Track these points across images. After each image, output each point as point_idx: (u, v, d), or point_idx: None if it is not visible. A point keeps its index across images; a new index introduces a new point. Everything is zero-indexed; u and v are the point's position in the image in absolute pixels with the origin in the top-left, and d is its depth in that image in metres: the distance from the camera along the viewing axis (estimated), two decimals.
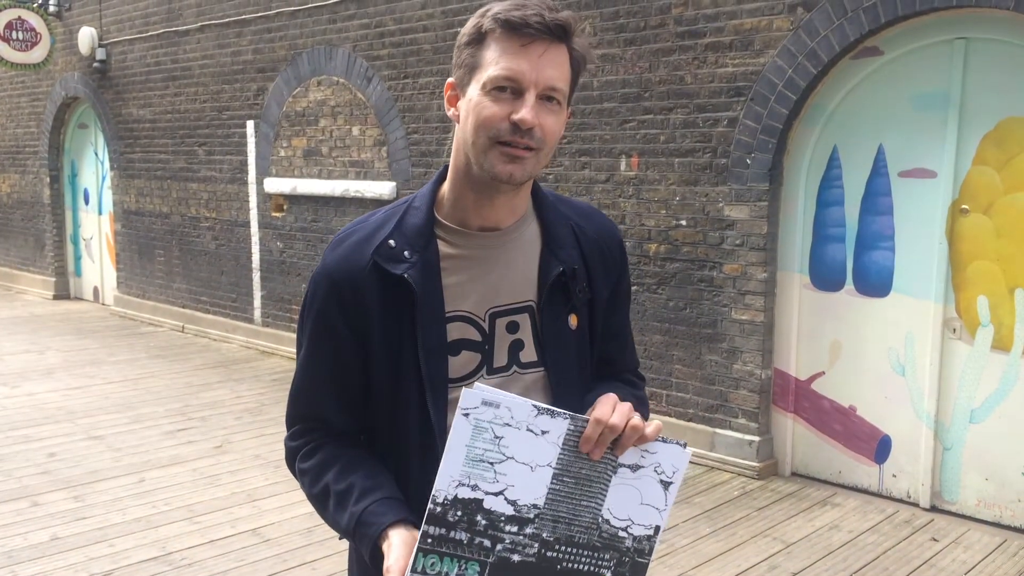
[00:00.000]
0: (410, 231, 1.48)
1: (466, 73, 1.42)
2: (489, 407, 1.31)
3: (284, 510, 4.78)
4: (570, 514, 1.36)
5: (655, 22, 5.55)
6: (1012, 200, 4.54)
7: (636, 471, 1.38)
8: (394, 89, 7.21)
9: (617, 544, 1.38)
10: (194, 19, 8.99)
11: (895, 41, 4.83)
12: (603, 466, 1.36)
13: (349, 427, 1.54)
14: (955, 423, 4.81)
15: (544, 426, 1.34)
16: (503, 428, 1.32)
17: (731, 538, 4.51)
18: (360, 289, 1.46)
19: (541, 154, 1.42)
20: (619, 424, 1.34)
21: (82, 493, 5.01)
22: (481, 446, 1.32)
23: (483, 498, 1.32)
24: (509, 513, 1.33)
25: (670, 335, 5.66)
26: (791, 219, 5.27)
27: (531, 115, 1.36)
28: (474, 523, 1.32)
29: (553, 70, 1.38)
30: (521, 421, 1.33)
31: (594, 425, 1.34)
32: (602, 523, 1.37)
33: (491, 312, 1.50)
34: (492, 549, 1.33)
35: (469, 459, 1.31)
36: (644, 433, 1.36)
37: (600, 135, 5.86)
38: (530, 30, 1.36)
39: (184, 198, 9.49)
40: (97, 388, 7.31)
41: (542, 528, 1.34)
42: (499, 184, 1.42)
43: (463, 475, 1.31)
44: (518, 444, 1.33)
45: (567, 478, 1.35)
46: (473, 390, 1.32)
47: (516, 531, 1.34)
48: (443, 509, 1.31)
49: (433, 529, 1.31)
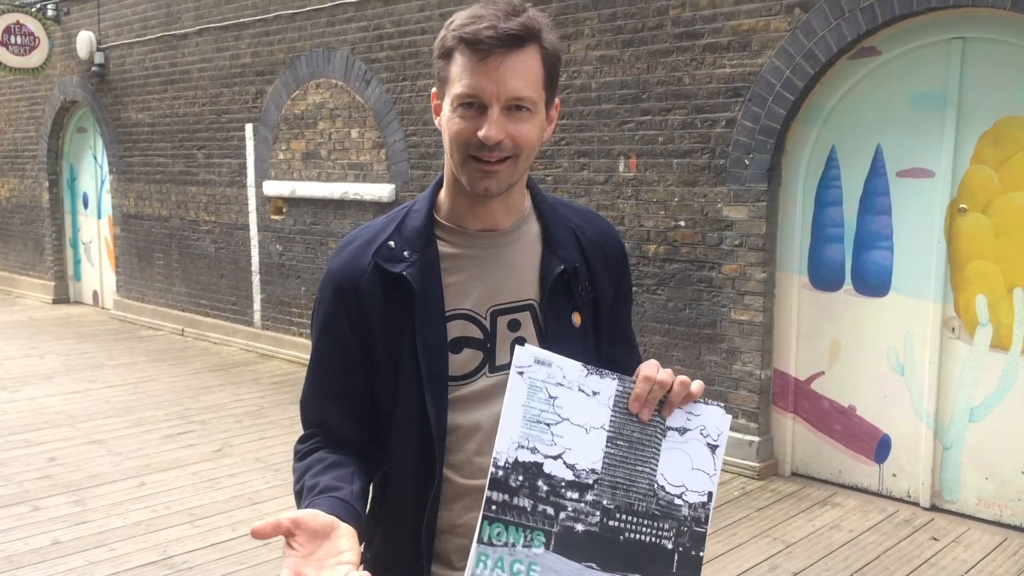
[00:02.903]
0: (409, 232, 1.50)
1: (441, 86, 1.46)
2: (542, 366, 1.32)
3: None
4: (627, 480, 1.35)
5: (653, 23, 5.56)
6: (1010, 199, 4.54)
7: (684, 434, 1.38)
8: (393, 91, 7.22)
9: (674, 512, 1.38)
10: (192, 23, 9.00)
11: (892, 41, 4.83)
12: (652, 429, 1.36)
13: (355, 434, 1.53)
14: (955, 422, 4.81)
15: (595, 386, 1.34)
16: (556, 388, 1.33)
17: (731, 538, 4.51)
18: (362, 291, 1.48)
19: (519, 160, 1.43)
20: (667, 380, 1.35)
21: (82, 497, 5.02)
22: (537, 406, 1.32)
23: (543, 461, 1.32)
24: (569, 478, 1.32)
25: (669, 336, 5.66)
26: (790, 219, 5.28)
27: (494, 131, 1.37)
28: (536, 488, 1.31)
29: (515, 79, 1.38)
30: (573, 381, 1.33)
31: (643, 383, 1.35)
32: (658, 489, 1.37)
33: (492, 310, 1.51)
34: (555, 518, 1.32)
35: (526, 420, 1.31)
36: (691, 390, 1.37)
37: (599, 136, 5.87)
38: (483, 45, 1.36)
39: (183, 201, 9.49)
40: (97, 392, 7.31)
41: (602, 495, 1.34)
42: (478, 196, 1.46)
43: (522, 436, 1.31)
44: (572, 405, 1.33)
45: (620, 441, 1.35)
46: (526, 348, 1.32)
47: (577, 498, 1.33)
48: (504, 473, 1.30)
49: (496, 495, 1.30)
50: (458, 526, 1.49)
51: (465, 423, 1.48)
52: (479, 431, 1.48)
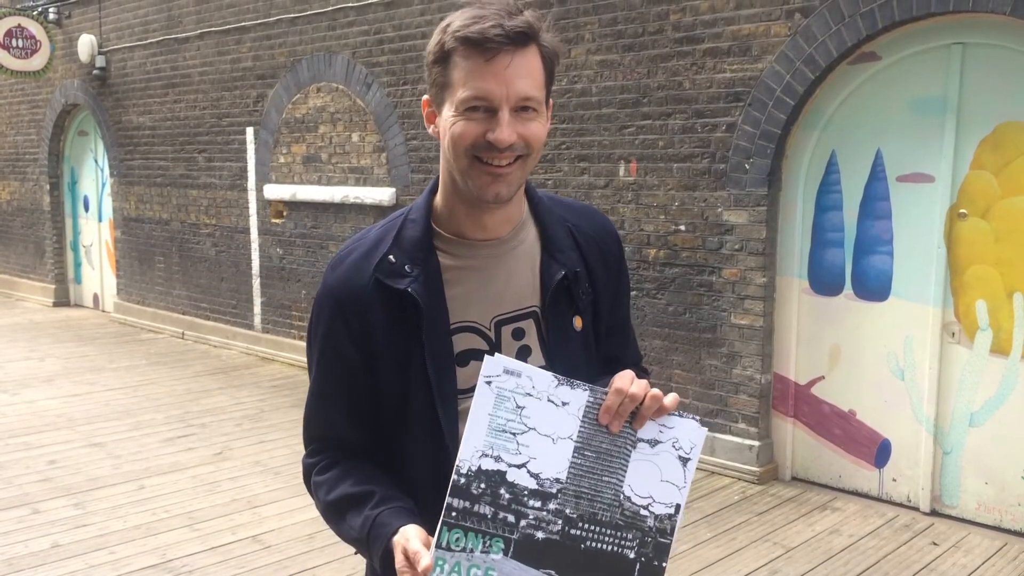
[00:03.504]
0: (409, 245, 1.47)
1: (438, 92, 1.41)
2: (511, 376, 1.32)
3: (284, 517, 4.78)
4: (592, 490, 1.35)
5: (653, 28, 5.57)
6: (1010, 204, 4.55)
7: (655, 446, 1.38)
8: (393, 95, 7.23)
9: (639, 523, 1.38)
10: (194, 26, 9.01)
11: (892, 46, 4.84)
12: (623, 440, 1.36)
13: (365, 445, 1.52)
14: (954, 427, 4.81)
15: (564, 397, 1.34)
16: (525, 398, 1.32)
17: (731, 543, 4.51)
18: (364, 307, 1.45)
19: (528, 160, 1.41)
20: (639, 393, 1.33)
21: (82, 500, 5.01)
22: (503, 416, 1.32)
23: (506, 470, 1.32)
24: (532, 487, 1.33)
25: (670, 340, 5.66)
26: (790, 224, 5.28)
27: (507, 134, 1.35)
28: (498, 496, 1.32)
29: (523, 80, 1.36)
30: (542, 391, 1.33)
31: (615, 395, 1.33)
32: (624, 500, 1.37)
33: (496, 320, 1.49)
34: (516, 525, 1.32)
35: (492, 428, 1.31)
36: (663, 404, 1.35)
37: (599, 141, 5.87)
38: (491, 44, 1.33)
39: (184, 205, 9.50)
40: (97, 395, 7.31)
41: (565, 504, 1.34)
42: (487, 204, 1.43)
43: (486, 445, 1.31)
44: (540, 415, 1.33)
45: (588, 452, 1.35)
46: (495, 358, 1.32)
47: (540, 506, 1.33)
48: (467, 481, 1.31)
49: (457, 502, 1.31)
50: None
51: None
52: None
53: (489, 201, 1.41)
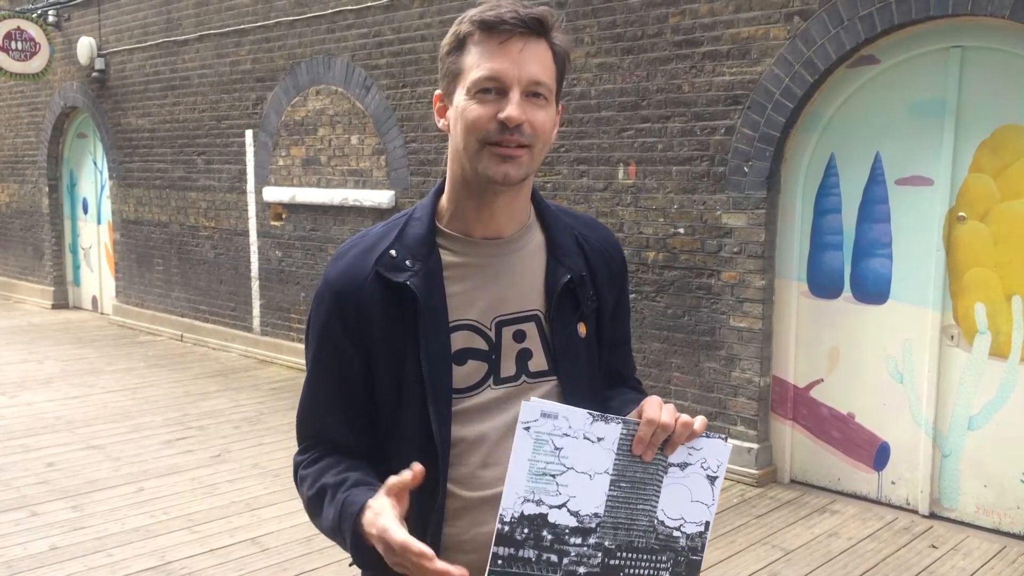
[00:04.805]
0: (411, 241, 1.47)
1: (451, 81, 1.43)
2: (548, 419, 1.32)
3: (283, 519, 4.77)
4: (628, 519, 1.37)
5: (652, 31, 5.57)
6: (1009, 207, 4.55)
7: (685, 469, 1.39)
8: (392, 98, 7.23)
9: (672, 544, 1.40)
10: (193, 29, 9.02)
11: (891, 49, 4.84)
12: (655, 467, 1.38)
13: (357, 444, 1.51)
14: (953, 430, 4.81)
15: (599, 432, 1.35)
16: (562, 439, 1.33)
17: (730, 546, 4.51)
18: (363, 301, 1.44)
19: (535, 151, 1.41)
20: (670, 422, 1.35)
21: (81, 503, 5.01)
22: (543, 459, 1.32)
23: (547, 512, 1.33)
24: (573, 525, 1.34)
25: (668, 343, 5.66)
26: (789, 227, 5.28)
27: (517, 112, 1.36)
28: (541, 539, 1.33)
29: (535, 65, 1.38)
30: (578, 430, 1.34)
31: (647, 425, 1.35)
32: (658, 525, 1.39)
33: (497, 321, 1.48)
34: (559, 564, 1.34)
35: (532, 473, 1.32)
36: (694, 429, 1.37)
37: (598, 143, 5.88)
38: (506, 26, 1.36)
39: (183, 207, 9.50)
40: (96, 397, 7.31)
41: (604, 536, 1.36)
42: (496, 187, 1.41)
43: (528, 491, 1.32)
44: (577, 454, 1.34)
45: (623, 483, 1.36)
46: (531, 403, 1.32)
47: (580, 542, 1.34)
48: (511, 528, 1.31)
49: (503, 549, 1.32)
50: (464, 542, 1.45)
51: (469, 435, 1.45)
52: (484, 443, 1.45)
53: (498, 182, 1.40)
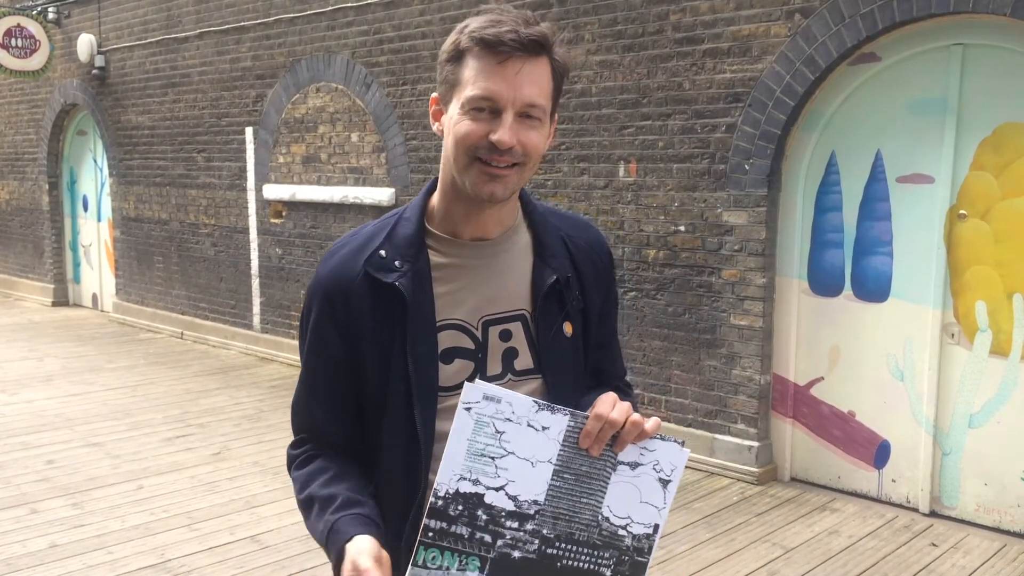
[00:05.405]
0: (400, 241, 1.50)
1: (448, 90, 1.44)
2: (490, 402, 1.34)
3: (283, 517, 4.77)
4: (570, 511, 1.38)
5: (653, 28, 5.56)
6: (1010, 205, 4.55)
7: (635, 469, 1.40)
8: (393, 96, 7.22)
9: (616, 542, 1.40)
10: (193, 26, 9.01)
11: (892, 47, 4.84)
12: (603, 463, 1.38)
13: (347, 439, 1.55)
14: (954, 428, 4.81)
15: (545, 422, 1.36)
16: (504, 423, 1.35)
17: (730, 544, 4.50)
18: (352, 299, 1.47)
19: (525, 169, 1.43)
20: (619, 419, 1.36)
21: (80, 500, 5.01)
22: (482, 440, 1.34)
23: (484, 493, 1.35)
24: (510, 509, 1.35)
25: (669, 341, 5.66)
26: (789, 225, 5.28)
27: (508, 136, 1.37)
28: (475, 518, 1.34)
29: (531, 87, 1.39)
30: (522, 416, 1.35)
31: (594, 420, 1.36)
32: (602, 521, 1.39)
33: (484, 320, 1.51)
34: (493, 544, 1.35)
35: (470, 453, 1.34)
36: (644, 428, 1.38)
37: (599, 141, 5.87)
38: (505, 48, 1.36)
39: (183, 205, 9.49)
40: (96, 395, 7.31)
41: (542, 524, 1.37)
42: (482, 202, 1.44)
43: (464, 469, 1.34)
44: (519, 439, 1.35)
45: (567, 475, 1.37)
46: (474, 385, 1.34)
47: (517, 527, 1.36)
48: (444, 503, 1.34)
49: (434, 523, 1.34)
50: None
51: None
52: None
53: (484, 199, 1.43)
